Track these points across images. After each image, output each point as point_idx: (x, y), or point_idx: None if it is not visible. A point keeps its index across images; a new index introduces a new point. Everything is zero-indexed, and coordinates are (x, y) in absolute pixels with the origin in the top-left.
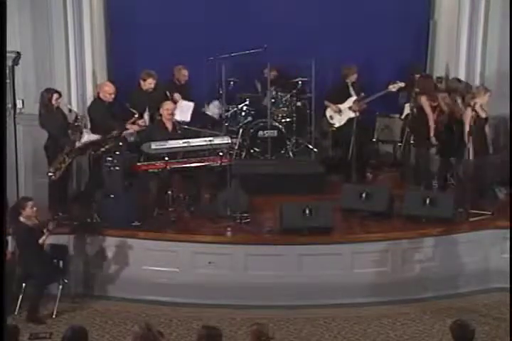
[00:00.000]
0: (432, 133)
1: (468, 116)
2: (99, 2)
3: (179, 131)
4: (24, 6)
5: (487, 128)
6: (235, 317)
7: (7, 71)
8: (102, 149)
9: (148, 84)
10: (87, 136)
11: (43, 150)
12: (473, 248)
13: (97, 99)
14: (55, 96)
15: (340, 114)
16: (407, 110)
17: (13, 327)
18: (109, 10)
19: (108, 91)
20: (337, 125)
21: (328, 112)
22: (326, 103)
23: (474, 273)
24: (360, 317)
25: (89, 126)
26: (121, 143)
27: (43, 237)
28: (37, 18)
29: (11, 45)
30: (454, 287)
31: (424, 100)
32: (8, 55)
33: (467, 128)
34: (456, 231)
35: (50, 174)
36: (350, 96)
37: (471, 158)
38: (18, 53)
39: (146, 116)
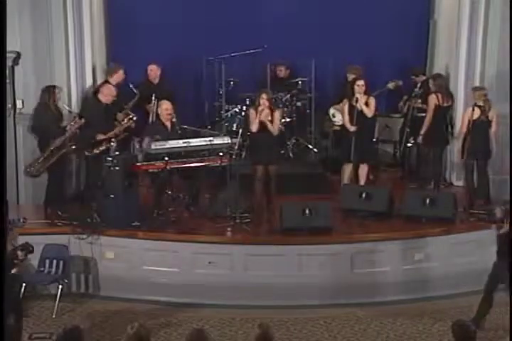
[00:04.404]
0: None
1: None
2: (99, 2)
3: (179, 131)
4: (24, 6)
5: (491, 130)
6: (234, 317)
7: (7, 71)
8: (96, 151)
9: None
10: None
11: None
12: (473, 248)
13: (95, 99)
14: (56, 90)
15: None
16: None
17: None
18: (109, 10)
19: (110, 94)
20: (338, 123)
21: (332, 110)
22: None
23: (474, 273)
24: (360, 317)
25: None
26: (113, 144)
27: (15, 269)
28: (37, 18)
29: (11, 45)
30: (454, 287)
31: (433, 99)
32: (8, 55)
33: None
34: (456, 231)
35: (28, 170)
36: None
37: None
38: (18, 53)
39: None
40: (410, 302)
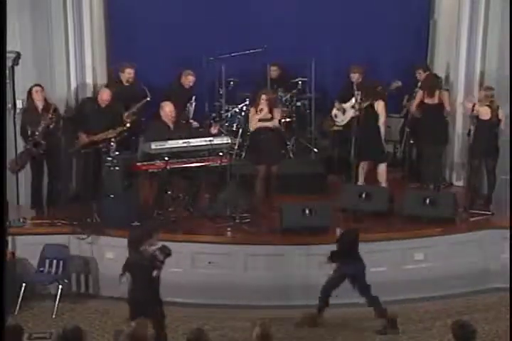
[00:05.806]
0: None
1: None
2: (99, 2)
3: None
4: (24, 6)
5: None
6: (234, 317)
7: (7, 71)
8: (86, 149)
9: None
10: None
11: None
12: (473, 248)
13: (93, 99)
14: (35, 89)
15: (344, 113)
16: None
17: (17, 326)
18: (109, 10)
19: (105, 98)
20: (340, 123)
21: (334, 110)
22: (335, 102)
23: (474, 273)
24: (360, 317)
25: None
26: (113, 144)
27: (156, 271)
28: (37, 18)
29: (11, 45)
30: (454, 287)
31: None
32: (8, 55)
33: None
34: (456, 231)
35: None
36: (353, 95)
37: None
38: (18, 53)
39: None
40: (410, 303)
